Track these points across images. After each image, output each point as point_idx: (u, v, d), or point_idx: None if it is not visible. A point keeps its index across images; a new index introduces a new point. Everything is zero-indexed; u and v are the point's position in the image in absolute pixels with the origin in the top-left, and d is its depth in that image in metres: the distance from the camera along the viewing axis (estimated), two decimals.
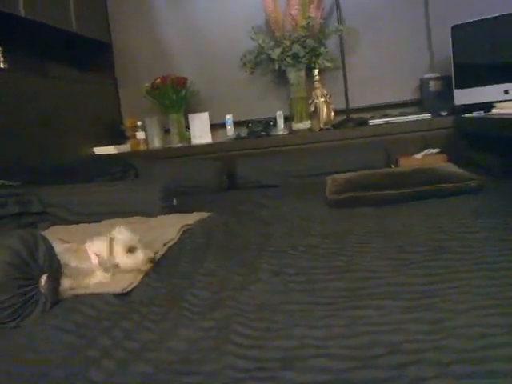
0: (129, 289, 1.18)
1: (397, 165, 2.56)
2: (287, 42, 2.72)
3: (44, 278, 1.06)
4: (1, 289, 0.99)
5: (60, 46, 3.04)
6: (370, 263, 1.18)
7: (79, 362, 0.84)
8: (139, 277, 1.23)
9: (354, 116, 2.91)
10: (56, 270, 1.12)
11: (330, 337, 0.83)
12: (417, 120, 2.73)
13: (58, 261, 1.13)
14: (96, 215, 1.90)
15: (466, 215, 1.52)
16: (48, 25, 2.61)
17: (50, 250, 1.11)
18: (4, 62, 2.47)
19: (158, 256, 1.37)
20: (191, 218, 1.79)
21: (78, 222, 1.88)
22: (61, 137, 2.71)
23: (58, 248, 1.16)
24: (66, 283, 1.15)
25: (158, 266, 1.32)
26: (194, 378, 0.75)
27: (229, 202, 2.23)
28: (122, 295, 1.15)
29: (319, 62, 2.80)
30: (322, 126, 2.80)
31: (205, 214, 1.87)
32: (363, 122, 2.79)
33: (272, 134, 2.97)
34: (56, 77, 2.90)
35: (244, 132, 3.05)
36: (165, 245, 1.47)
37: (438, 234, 1.33)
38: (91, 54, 3.27)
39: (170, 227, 1.65)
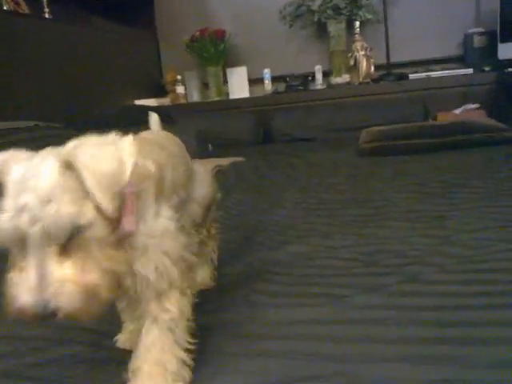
0: None
1: (435, 120, 2.53)
2: None
3: None
4: None
5: None
6: (389, 195, 1.22)
7: None
8: None
9: (395, 71, 2.87)
10: None
11: (342, 246, 0.89)
12: (458, 75, 2.66)
13: None
14: None
15: (495, 160, 1.52)
16: None
17: None
18: (49, 12, 2.56)
19: None
20: (225, 161, 1.87)
21: None
22: (103, 88, 2.81)
23: None
24: None
25: None
26: (220, 276, 0.83)
27: (263, 153, 2.29)
28: None
29: (360, 14, 2.76)
30: (361, 80, 2.78)
31: (238, 159, 1.94)
32: (403, 77, 2.75)
33: (310, 88, 2.98)
34: (99, 28, 2.99)
35: (282, 87, 3.07)
36: None
37: (460, 174, 1.35)
38: (133, 8, 3.33)
39: (203, 167, 1.73)
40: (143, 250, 0.54)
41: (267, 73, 3.07)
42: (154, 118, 0.86)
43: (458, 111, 2.51)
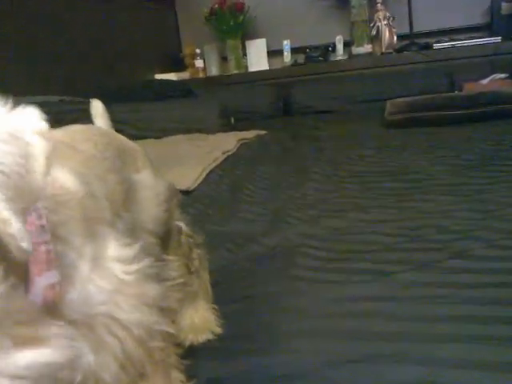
0: (192, 187, 1.26)
1: (461, 90, 2.46)
2: None
3: None
4: None
5: None
6: (424, 168, 1.19)
7: None
8: (203, 174, 1.31)
9: (418, 41, 2.78)
10: None
11: (381, 220, 0.87)
12: (484, 44, 2.58)
13: None
14: (159, 131, 1.99)
15: None
16: None
17: None
18: None
19: (216, 163, 1.44)
20: (248, 134, 1.84)
21: (143, 138, 1.97)
22: (123, 61, 2.78)
23: None
24: None
25: (217, 170, 1.38)
26: (256, 247, 0.82)
27: (284, 125, 2.26)
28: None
29: None
30: (383, 50, 2.71)
31: (261, 132, 1.92)
32: (427, 46, 2.67)
33: (330, 59, 2.91)
34: (119, 2, 2.94)
35: (301, 58, 3.01)
36: (224, 153, 1.53)
37: (496, 146, 1.32)
38: None
39: (228, 140, 1.72)
40: (86, 328, 0.32)
41: (287, 44, 3.01)
42: (96, 107, 0.65)
43: (485, 81, 2.43)
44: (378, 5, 2.68)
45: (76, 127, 0.51)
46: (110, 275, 0.33)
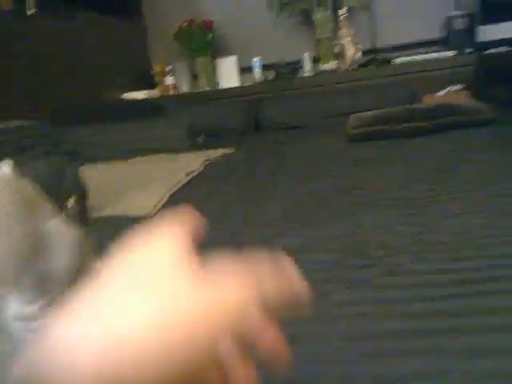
0: (152, 213, 1.29)
1: (421, 102, 2.56)
2: None
3: (71, 200, 1.18)
4: None
5: None
6: (378, 182, 1.25)
7: None
8: (165, 198, 1.34)
9: (381, 56, 2.89)
10: (83, 192, 1.23)
11: (331, 237, 0.92)
12: (441, 58, 2.70)
13: (85, 184, 1.25)
14: (126, 152, 2.02)
15: (479, 143, 1.57)
16: None
17: (77, 173, 1.22)
18: (35, 7, 2.55)
19: (179, 185, 1.48)
20: (215, 153, 1.89)
21: (108, 160, 1.99)
22: (91, 81, 2.80)
23: None
24: None
25: (180, 192, 1.43)
26: None
27: (253, 142, 2.31)
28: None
29: (345, 1, 2.76)
30: (348, 66, 2.80)
31: (228, 150, 1.97)
32: (388, 61, 2.78)
33: (299, 75, 2.99)
34: (86, 21, 2.97)
35: (271, 75, 3.08)
36: (187, 175, 1.58)
37: (445, 159, 1.39)
38: None
39: (193, 160, 1.76)
40: None
41: (256, 61, 3.08)
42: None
43: (442, 93, 2.54)
44: (342, 22, 2.78)
45: None
46: (9, 336, 0.33)
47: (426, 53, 2.77)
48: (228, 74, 3.16)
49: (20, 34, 2.29)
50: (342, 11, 2.76)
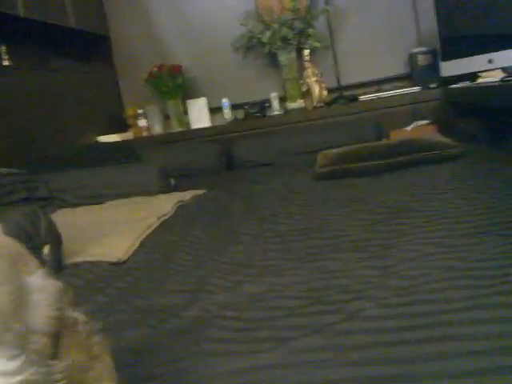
0: (124, 258, 1.30)
1: (388, 138, 2.64)
2: (276, 26, 2.80)
3: (46, 248, 1.19)
4: None
5: (61, 40, 3.15)
6: (341, 224, 1.28)
7: None
8: (137, 243, 1.35)
9: (347, 93, 2.99)
10: (57, 240, 1.24)
11: (293, 282, 0.94)
12: (406, 93, 2.81)
13: (59, 232, 1.26)
14: (99, 197, 2.04)
15: (442, 179, 1.61)
16: (47, 22, 2.73)
17: (51, 222, 1.24)
18: (8, 59, 2.59)
19: (151, 229, 1.50)
20: (186, 195, 1.91)
21: (82, 205, 2.00)
22: (65, 127, 2.83)
23: None
24: None
25: (152, 237, 1.43)
26: (176, 321, 0.87)
27: (225, 181, 2.34)
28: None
29: (308, 42, 2.88)
30: (314, 105, 2.88)
31: (199, 192, 1.99)
32: (354, 98, 2.87)
33: (267, 114, 3.07)
34: (58, 69, 3.01)
35: (241, 114, 3.15)
36: (159, 218, 1.59)
37: (406, 197, 1.43)
38: (91, 46, 3.38)
39: (165, 203, 1.78)
40: None
41: (226, 102, 3.15)
42: None
43: (409, 128, 2.63)
44: (306, 63, 2.88)
45: None
46: None
47: (391, 89, 2.88)
48: (199, 115, 3.21)
49: None
50: (306, 52, 2.87)
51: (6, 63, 2.57)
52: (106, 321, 0.92)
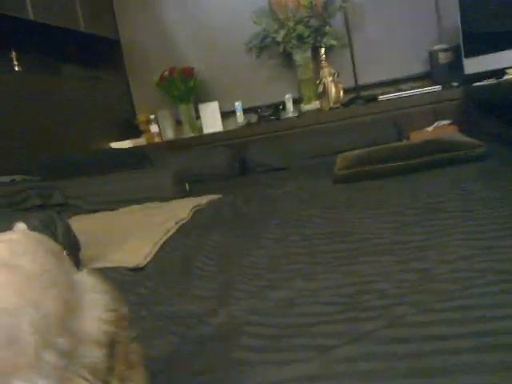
0: (143, 264, 1.25)
1: (408, 139, 2.58)
2: (291, 24, 2.75)
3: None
4: None
5: (71, 45, 3.13)
6: (370, 227, 1.22)
7: None
8: (156, 248, 1.30)
9: (364, 93, 2.93)
10: (74, 246, 1.20)
11: (325, 287, 0.88)
12: (427, 93, 2.72)
13: (77, 238, 1.21)
14: (113, 203, 2.00)
15: (470, 180, 1.54)
16: (57, 26, 2.71)
17: (68, 228, 1.19)
18: (18, 65, 2.58)
19: (169, 234, 1.44)
20: (202, 200, 1.86)
21: (97, 211, 1.96)
22: (77, 133, 2.81)
23: None
24: None
25: (170, 242, 1.38)
26: (204, 328, 0.81)
27: (239, 186, 2.29)
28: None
29: (324, 41, 2.82)
30: (331, 106, 2.82)
31: (215, 197, 1.94)
32: (372, 99, 2.80)
33: (282, 117, 3.01)
34: (68, 75, 3.00)
35: (254, 118, 3.10)
36: (177, 223, 1.54)
37: (435, 198, 1.36)
38: (101, 51, 3.36)
39: (182, 208, 1.73)
40: None
41: (238, 105, 3.10)
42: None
43: (430, 129, 2.56)
44: (323, 62, 2.82)
45: (13, 236, 0.48)
46: None
47: (409, 89, 2.80)
48: (211, 119, 3.17)
49: (6, 91, 2.30)
50: (322, 51, 2.81)
51: (16, 69, 2.56)
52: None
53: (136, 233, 1.47)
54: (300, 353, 0.67)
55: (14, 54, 2.56)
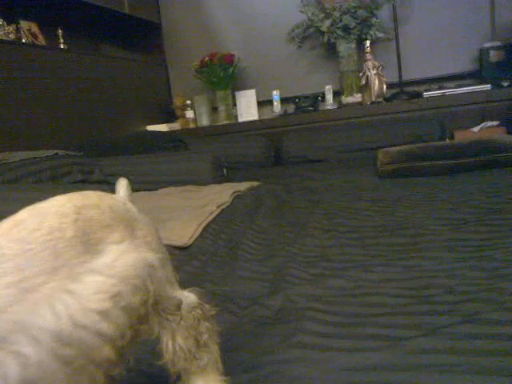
0: (189, 243, 1.23)
1: (452, 138, 2.50)
2: (337, 14, 2.69)
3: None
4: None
5: (113, 26, 3.14)
6: (422, 222, 1.18)
7: None
8: (199, 229, 1.29)
9: (408, 89, 2.85)
10: None
11: (386, 279, 0.85)
12: (475, 92, 2.62)
13: None
14: (152, 184, 1.99)
15: None
16: (102, 7, 2.71)
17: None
18: (64, 43, 2.59)
19: (212, 217, 1.42)
20: (241, 186, 1.83)
21: (136, 191, 1.95)
22: (115, 114, 2.81)
23: None
24: None
25: (213, 224, 1.36)
26: (261, 309, 0.79)
27: (276, 175, 2.26)
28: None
29: (371, 33, 2.75)
30: (373, 99, 2.76)
31: (254, 183, 1.91)
32: (417, 95, 2.73)
33: (320, 109, 2.96)
34: (109, 56, 3.00)
35: (291, 108, 3.06)
36: (218, 207, 1.52)
37: (492, 198, 1.31)
38: (142, 34, 3.35)
39: (222, 192, 1.71)
40: None
41: (276, 94, 3.06)
42: (122, 184, 0.63)
43: (476, 129, 2.48)
44: (367, 54, 2.75)
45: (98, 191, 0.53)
46: None
47: (457, 86, 2.72)
48: (247, 107, 3.14)
49: (51, 68, 2.32)
50: (367, 43, 2.74)
51: (62, 46, 2.57)
52: None
53: (180, 213, 1.45)
54: (368, 342, 0.65)
55: (60, 32, 2.58)
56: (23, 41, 2.31)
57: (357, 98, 2.84)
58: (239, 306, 0.82)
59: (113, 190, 1.67)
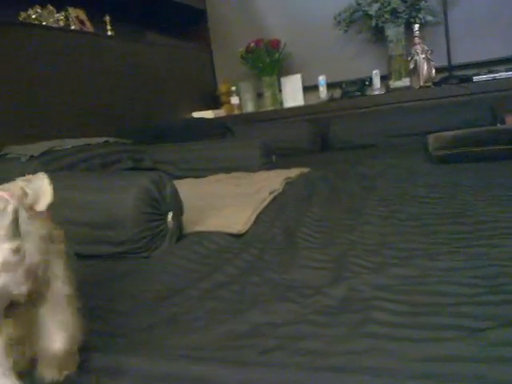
0: (243, 231, 1.24)
1: (504, 123, 2.41)
2: None
3: (170, 215, 1.16)
4: (134, 223, 1.09)
5: (158, 13, 3.17)
6: (485, 210, 1.15)
7: (205, 285, 0.92)
8: (253, 216, 1.30)
9: (457, 73, 2.77)
10: (179, 208, 1.21)
11: (454, 268, 0.83)
12: None
13: (181, 200, 1.22)
14: (201, 171, 2.01)
15: None
16: None
17: (175, 190, 1.20)
18: (111, 29, 2.64)
19: (264, 204, 1.43)
20: (292, 173, 1.83)
21: (184, 177, 1.99)
22: (161, 100, 2.85)
23: None
24: None
25: (267, 211, 1.37)
26: (324, 298, 0.79)
27: (324, 162, 2.24)
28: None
29: (420, 16, 2.67)
30: (421, 84, 2.69)
31: (304, 170, 1.91)
32: (467, 79, 2.64)
33: (367, 93, 2.91)
34: (154, 43, 3.03)
35: (337, 93, 3.02)
36: (270, 193, 1.53)
37: None
38: (188, 21, 3.37)
39: (273, 179, 1.71)
40: None
41: (322, 80, 3.03)
42: None
43: None
44: (416, 38, 2.68)
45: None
46: None
47: (507, 70, 2.61)
48: (292, 93, 3.12)
49: (99, 54, 2.37)
50: (416, 27, 2.67)
51: (109, 33, 2.62)
52: (243, 293, 0.87)
53: (233, 200, 1.47)
54: (441, 332, 0.64)
55: (107, 19, 2.62)
56: (72, 28, 2.36)
57: (405, 82, 2.78)
58: (302, 295, 0.82)
59: None
